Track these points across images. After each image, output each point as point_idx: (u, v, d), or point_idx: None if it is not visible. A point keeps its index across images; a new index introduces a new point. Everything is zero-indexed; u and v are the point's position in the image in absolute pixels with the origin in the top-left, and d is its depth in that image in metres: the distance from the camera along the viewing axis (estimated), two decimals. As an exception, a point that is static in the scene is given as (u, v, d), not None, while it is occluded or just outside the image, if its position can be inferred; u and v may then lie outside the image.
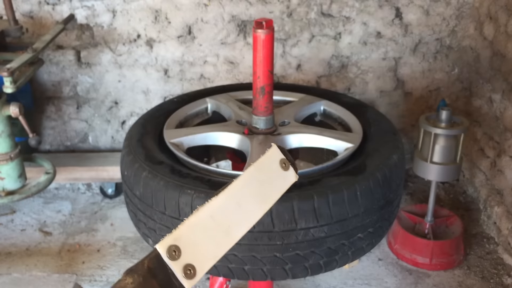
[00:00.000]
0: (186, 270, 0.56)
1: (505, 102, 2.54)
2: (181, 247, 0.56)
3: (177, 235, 0.57)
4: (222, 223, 0.60)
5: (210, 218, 0.59)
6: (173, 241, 0.56)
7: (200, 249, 0.57)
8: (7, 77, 1.91)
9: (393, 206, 1.38)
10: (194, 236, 0.58)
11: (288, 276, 1.24)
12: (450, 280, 2.39)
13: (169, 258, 0.56)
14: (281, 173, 0.67)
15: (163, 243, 0.56)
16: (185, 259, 0.56)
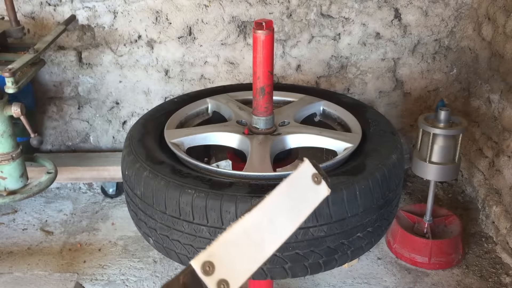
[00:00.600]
0: (220, 285, 0.57)
1: (504, 102, 2.55)
2: (215, 263, 0.57)
3: (211, 251, 0.58)
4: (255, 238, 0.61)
5: (243, 234, 0.60)
6: (207, 257, 0.58)
7: (233, 265, 0.58)
8: (9, 77, 1.92)
9: (392, 206, 1.39)
10: (228, 252, 0.59)
11: (288, 275, 1.25)
12: (449, 279, 2.41)
13: (203, 274, 0.57)
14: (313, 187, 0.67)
15: (198, 259, 0.57)
16: (218, 274, 0.57)
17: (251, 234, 0.60)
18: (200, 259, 0.57)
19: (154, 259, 2.53)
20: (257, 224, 0.61)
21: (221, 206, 1.18)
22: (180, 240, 1.24)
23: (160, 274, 2.44)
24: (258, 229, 0.61)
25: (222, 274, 0.57)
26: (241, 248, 0.59)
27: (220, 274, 0.57)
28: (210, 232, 1.20)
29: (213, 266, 0.57)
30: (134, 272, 2.45)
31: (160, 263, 2.50)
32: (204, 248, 1.22)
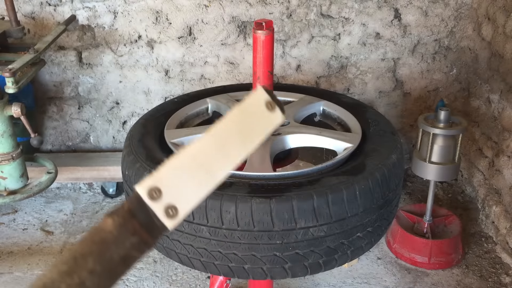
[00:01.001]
0: (168, 210, 0.55)
1: (503, 103, 2.55)
2: (162, 189, 0.56)
3: (158, 177, 0.56)
4: (205, 163, 0.59)
5: (192, 160, 0.58)
6: (154, 182, 0.56)
7: (182, 190, 0.57)
8: (9, 77, 1.92)
9: (392, 206, 1.39)
10: (175, 177, 0.57)
11: (288, 275, 1.25)
12: (449, 279, 2.41)
13: (149, 199, 0.55)
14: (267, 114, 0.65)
15: (143, 184, 0.55)
16: (166, 199, 0.55)
17: (201, 159, 0.59)
18: (146, 185, 0.56)
19: (154, 259, 2.53)
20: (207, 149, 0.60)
21: (221, 206, 1.18)
22: (180, 240, 1.25)
23: (160, 274, 2.44)
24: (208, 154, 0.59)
25: (170, 199, 0.56)
26: (190, 173, 0.58)
27: (167, 200, 0.56)
28: (210, 232, 1.20)
29: (160, 192, 0.55)
30: (134, 272, 2.45)
31: (160, 263, 2.50)
32: (204, 248, 1.22)
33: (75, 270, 0.50)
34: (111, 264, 0.52)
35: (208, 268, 1.26)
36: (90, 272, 0.51)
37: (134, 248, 0.54)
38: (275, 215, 1.17)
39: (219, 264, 1.24)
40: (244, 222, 1.18)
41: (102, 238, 0.53)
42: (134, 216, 0.54)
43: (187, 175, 0.58)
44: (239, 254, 1.21)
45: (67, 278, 0.50)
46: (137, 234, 0.54)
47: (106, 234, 0.53)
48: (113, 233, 0.53)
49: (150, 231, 0.55)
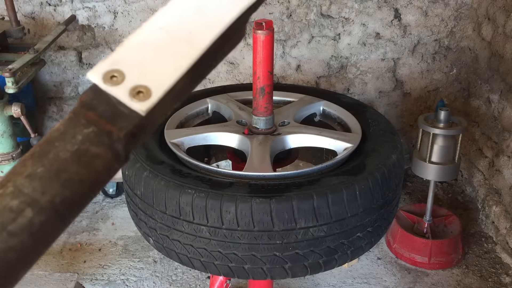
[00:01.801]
0: (135, 93, 0.43)
1: (503, 103, 2.55)
2: (124, 70, 0.44)
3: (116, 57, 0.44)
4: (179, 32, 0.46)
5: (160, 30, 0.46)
6: (111, 65, 0.44)
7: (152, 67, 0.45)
8: (9, 77, 1.92)
9: (392, 206, 1.39)
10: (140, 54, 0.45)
11: (288, 275, 1.25)
12: (449, 279, 2.41)
13: (108, 84, 0.43)
14: None
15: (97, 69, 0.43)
16: (131, 81, 0.43)
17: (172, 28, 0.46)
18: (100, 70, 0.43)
19: (154, 259, 2.53)
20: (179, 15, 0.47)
21: (221, 206, 1.18)
22: (180, 240, 1.25)
23: (160, 274, 2.44)
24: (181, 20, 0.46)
25: (137, 80, 0.43)
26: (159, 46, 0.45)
27: (133, 81, 0.43)
28: (210, 232, 1.20)
29: (122, 74, 0.44)
30: (134, 272, 2.45)
31: (160, 263, 2.50)
32: (204, 248, 1.22)
33: (9, 178, 0.39)
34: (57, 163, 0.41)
35: (208, 268, 1.26)
36: (28, 177, 0.39)
37: (90, 141, 0.42)
38: (275, 215, 1.17)
39: (219, 264, 1.24)
40: (244, 222, 1.18)
41: (47, 138, 0.42)
42: (88, 108, 0.43)
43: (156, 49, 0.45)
44: (239, 254, 1.21)
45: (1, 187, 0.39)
46: (92, 124, 0.42)
47: (52, 133, 0.42)
48: (59, 129, 0.42)
49: (114, 120, 0.43)
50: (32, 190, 0.38)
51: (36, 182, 0.39)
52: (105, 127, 0.42)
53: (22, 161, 0.40)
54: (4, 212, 0.37)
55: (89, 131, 0.42)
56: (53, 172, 0.40)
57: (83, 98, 0.43)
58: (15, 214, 0.37)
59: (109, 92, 0.43)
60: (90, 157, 0.42)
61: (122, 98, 0.43)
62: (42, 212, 0.38)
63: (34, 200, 0.38)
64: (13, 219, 0.37)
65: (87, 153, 0.42)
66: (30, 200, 0.38)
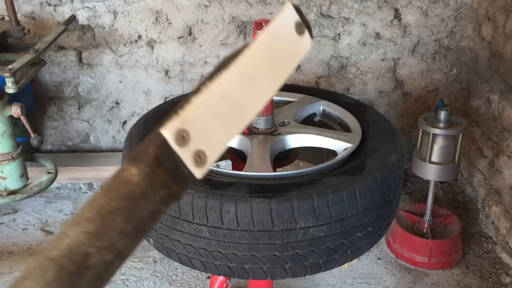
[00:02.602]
0: (196, 157, 0.47)
1: (503, 103, 2.55)
2: (190, 131, 0.47)
3: (186, 117, 0.47)
4: (234, 101, 0.50)
5: (221, 96, 0.49)
6: (182, 124, 0.47)
7: (210, 133, 0.48)
8: (9, 77, 1.92)
9: (392, 206, 1.39)
10: (204, 117, 0.48)
11: (288, 275, 1.25)
12: (449, 279, 2.41)
13: (177, 145, 0.46)
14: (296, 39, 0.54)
15: (171, 127, 0.46)
16: (194, 144, 0.47)
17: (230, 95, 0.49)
18: (174, 127, 0.46)
19: (154, 259, 2.53)
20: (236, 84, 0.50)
21: (221, 206, 1.18)
22: (180, 240, 1.25)
23: (160, 274, 2.44)
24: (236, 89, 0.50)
25: (199, 144, 0.47)
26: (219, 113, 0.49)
27: (196, 145, 0.47)
28: (210, 232, 1.20)
29: (188, 135, 0.47)
30: (134, 272, 2.45)
31: (160, 263, 2.50)
32: (204, 248, 1.22)
33: (103, 231, 0.43)
34: (141, 222, 0.45)
35: (208, 268, 1.26)
36: (120, 233, 0.44)
37: (163, 202, 0.47)
38: (275, 215, 1.17)
39: (219, 264, 1.24)
40: (244, 222, 1.18)
41: (130, 192, 0.45)
42: (161, 166, 0.46)
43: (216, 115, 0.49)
44: (239, 254, 1.21)
45: (96, 240, 0.43)
46: (166, 186, 0.46)
47: (134, 188, 0.45)
48: (142, 186, 0.45)
49: (178, 181, 0.47)
50: (122, 246, 0.45)
51: (126, 239, 0.45)
52: (173, 188, 0.47)
53: (111, 214, 0.45)
54: (102, 265, 0.43)
55: (164, 194, 0.47)
56: (137, 229, 0.46)
57: (157, 153, 0.46)
58: (109, 266, 0.44)
59: (177, 152, 0.47)
60: (159, 214, 0.48)
61: (186, 161, 0.47)
62: (122, 261, 0.45)
63: (122, 253, 0.45)
64: (107, 269, 0.44)
65: (159, 211, 0.47)
66: (120, 253, 0.45)
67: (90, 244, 0.42)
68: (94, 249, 0.42)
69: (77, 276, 0.41)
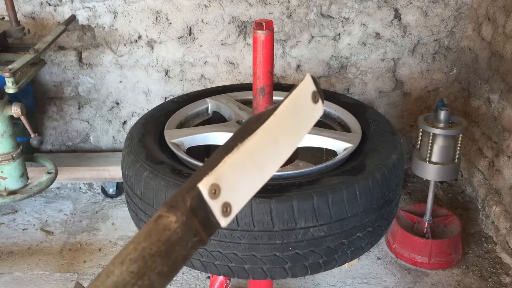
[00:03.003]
0: (224, 209, 0.55)
1: (503, 103, 2.55)
2: (221, 186, 0.54)
3: (219, 173, 0.55)
4: (259, 161, 0.57)
5: (250, 157, 0.57)
6: (215, 180, 0.54)
7: (237, 188, 0.56)
8: (9, 77, 1.92)
9: (392, 206, 1.39)
10: (234, 175, 0.56)
11: (288, 275, 1.25)
12: (449, 279, 2.41)
13: (210, 197, 0.54)
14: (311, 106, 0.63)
15: (206, 181, 0.54)
16: (223, 197, 0.55)
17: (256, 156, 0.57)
18: (208, 182, 0.54)
19: (154, 259, 2.52)
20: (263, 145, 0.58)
21: (221, 206, 1.18)
22: (180, 240, 1.24)
23: (160, 274, 2.43)
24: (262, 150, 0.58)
25: (227, 197, 0.55)
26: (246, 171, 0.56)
27: (224, 197, 0.55)
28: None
29: (219, 189, 0.54)
30: (134, 272, 2.44)
31: (160, 263, 2.50)
32: (204, 248, 1.21)
33: (145, 271, 0.49)
34: (175, 264, 0.51)
35: (208, 268, 1.26)
36: (158, 274, 0.50)
37: (193, 248, 0.53)
38: (275, 215, 1.17)
39: (219, 264, 1.24)
40: (244, 222, 1.18)
41: (169, 237, 0.51)
42: (195, 215, 0.53)
43: (244, 172, 0.56)
44: (239, 254, 1.21)
45: (138, 280, 0.48)
46: (198, 233, 0.53)
47: (172, 234, 0.51)
48: (178, 233, 0.52)
49: (207, 229, 0.54)
50: (158, 285, 0.50)
51: (162, 279, 0.50)
52: (202, 235, 0.53)
53: (152, 256, 0.50)
54: None
55: (195, 240, 0.53)
56: (171, 271, 0.51)
57: (192, 204, 0.53)
58: None
59: (209, 204, 0.54)
60: (189, 257, 0.53)
61: (215, 212, 0.54)
62: None
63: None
64: None
65: (189, 255, 0.53)
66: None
67: (134, 283, 0.48)
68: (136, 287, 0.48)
69: None
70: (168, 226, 0.52)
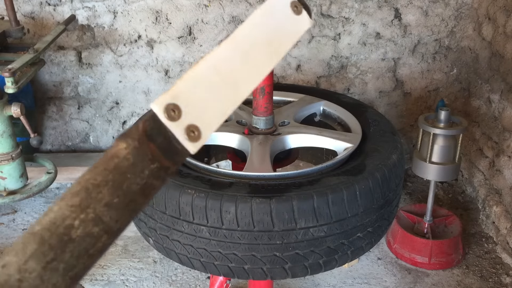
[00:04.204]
0: (189, 132, 0.48)
1: (504, 102, 2.55)
2: (181, 106, 0.48)
3: (176, 91, 0.48)
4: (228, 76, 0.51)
5: (214, 71, 0.50)
6: (171, 99, 0.47)
7: (203, 108, 0.49)
8: (9, 77, 1.92)
9: (392, 206, 1.39)
10: (196, 92, 0.49)
11: (288, 275, 1.25)
12: (449, 279, 2.40)
13: (167, 119, 0.47)
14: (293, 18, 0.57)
15: (160, 101, 0.47)
16: (186, 119, 0.48)
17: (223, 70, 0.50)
18: (163, 102, 0.47)
19: (154, 259, 2.52)
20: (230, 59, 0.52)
21: (221, 206, 1.18)
22: (180, 240, 1.24)
23: (160, 274, 2.43)
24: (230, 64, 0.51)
25: (191, 119, 0.48)
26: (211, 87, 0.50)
27: (188, 119, 0.48)
28: (210, 232, 1.20)
29: (179, 110, 0.47)
30: (134, 272, 2.44)
31: (160, 263, 2.50)
32: (204, 248, 1.21)
33: (89, 203, 0.43)
34: (130, 195, 0.45)
35: (208, 268, 1.26)
36: (106, 205, 0.44)
37: (153, 176, 0.47)
38: (275, 215, 1.16)
39: (219, 265, 1.24)
40: (244, 222, 1.17)
41: (117, 165, 0.45)
42: (151, 139, 0.47)
43: (209, 90, 0.50)
44: (239, 254, 1.21)
45: (80, 213, 0.43)
46: (155, 159, 0.47)
47: (121, 161, 0.46)
48: (129, 159, 0.46)
49: (170, 156, 0.48)
50: (109, 219, 0.44)
51: (113, 212, 0.44)
52: (165, 162, 0.47)
53: (97, 186, 0.44)
54: (87, 238, 0.43)
55: (154, 167, 0.46)
56: (126, 203, 0.45)
57: (146, 127, 0.47)
58: (95, 240, 0.43)
59: (168, 126, 0.47)
60: (151, 189, 0.47)
61: (178, 136, 0.48)
62: (112, 237, 0.45)
63: (109, 227, 0.44)
64: (94, 244, 0.43)
65: (150, 186, 0.47)
66: (107, 228, 0.44)
67: (74, 217, 0.42)
68: (78, 222, 0.42)
69: (59, 249, 0.41)
70: (117, 154, 0.46)
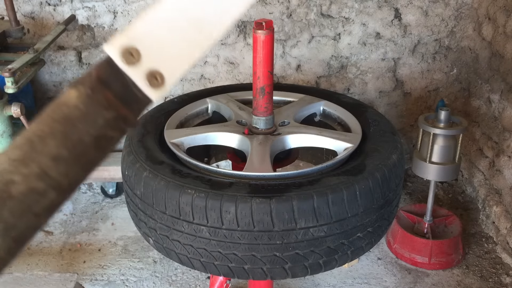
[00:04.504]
0: (151, 78, 0.43)
1: (504, 102, 2.55)
2: (140, 49, 0.42)
3: (134, 32, 0.42)
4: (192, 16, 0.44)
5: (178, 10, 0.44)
6: (128, 41, 0.41)
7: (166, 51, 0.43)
8: (9, 77, 1.92)
9: (392, 206, 1.39)
10: (157, 34, 0.43)
11: (288, 275, 1.25)
12: (449, 279, 2.40)
13: (124, 63, 0.42)
14: None
15: (115, 43, 0.41)
16: (147, 64, 0.42)
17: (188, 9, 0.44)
18: (119, 44, 0.41)
19: (154, 259, 2.52)
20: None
21: (221, 206, 1.18)
22: (180, 240, 1.24)
23: (160, 274, 2.43)
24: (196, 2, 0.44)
25: (152, 64, 0.42)
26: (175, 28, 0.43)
27: (148, 64, 0.42)
28: (210, 232, 1.20)
29: (138, 53, 0.42)
30: (134, 272, 2.44)
31: (160, 263, 2.50)
32: (204, 248, 1.22)
33: (32, 156, 0.38)
34: (81, 147, 0.41)
35: (208, 268, 1.26)
36: (53, 159, 0.39)
37: (109, 126, 0.42)
38: (275, 215, 1.16)
39: (219, 265, 1.24)
40: (244, 222, 1.17)
41: (66, 114, 0.40)
42: (106, 86, 0.41)
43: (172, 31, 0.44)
44: (239, 254, 1.21)
45: (21, 167, 0.38)
46: (111, 107, 0.42)
47: (71, 110, 0.40)
48: (80, 107, 0.40)
49: (129, 104, 0.43)
50: (57, 174, 0.39)
51: (62, 166, 0.40)
52: (122, 111, 0.42)
53: (42, 138, 0.39)
54: (31, 194, 0.38)
55: (110, 116, 0.42)
56: (76, 156, 0.41)
57: (100, 73, 0.42)
58: (39, 197, 0.39)
59: (126, 71, 0.42)
60: (107, 141, 0.43)
61: (138, 82, 0.42)
62: (62, 193, 0.40)
63: (58, 183, 0.40)
64: (38, 201, 0.38)
65: (105, 137, 0.42)
66: (55, 183, 0.39)
67: (14, 171, 0.38)
68: (19, 177, 0.38)
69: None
70: (66, 102, 0.41)
